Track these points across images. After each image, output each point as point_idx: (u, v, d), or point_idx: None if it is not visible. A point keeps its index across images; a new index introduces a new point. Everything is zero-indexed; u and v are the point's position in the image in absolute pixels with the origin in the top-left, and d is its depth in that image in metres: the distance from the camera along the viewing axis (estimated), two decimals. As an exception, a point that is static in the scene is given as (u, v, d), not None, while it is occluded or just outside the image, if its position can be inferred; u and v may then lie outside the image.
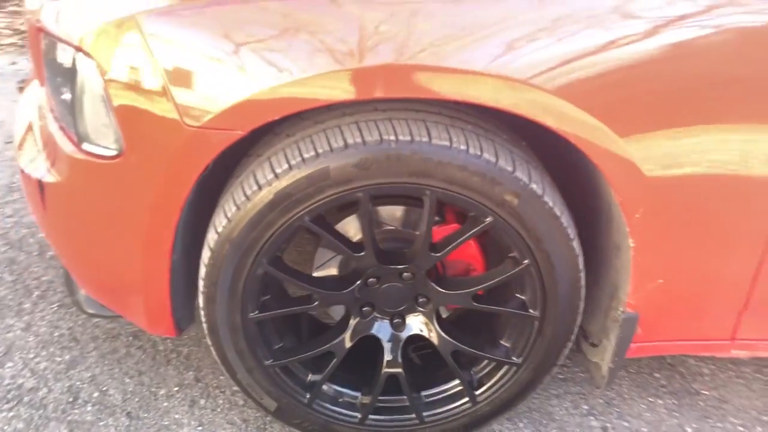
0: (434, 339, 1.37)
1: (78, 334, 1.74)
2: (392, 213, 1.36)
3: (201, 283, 1.25)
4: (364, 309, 1.34)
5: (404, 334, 1.38)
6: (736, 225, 1.25)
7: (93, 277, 1.39)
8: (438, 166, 1.14)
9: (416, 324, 1.37)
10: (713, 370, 1.82)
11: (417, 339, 1.39)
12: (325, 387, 1.41)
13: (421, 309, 1.36)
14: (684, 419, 1.65)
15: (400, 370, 1.38)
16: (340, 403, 1.42)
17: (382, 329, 1.37)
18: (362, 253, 1.25)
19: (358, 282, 1.29)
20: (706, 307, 1.37)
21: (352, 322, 1.35)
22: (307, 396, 1.39)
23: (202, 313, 1.29)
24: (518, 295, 1.32)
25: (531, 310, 1.31)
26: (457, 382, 1.42)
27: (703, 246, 1.28)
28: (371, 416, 1.41)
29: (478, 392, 1.41)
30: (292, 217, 1.18)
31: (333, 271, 1.41)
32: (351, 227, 1.36)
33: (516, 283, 1.31)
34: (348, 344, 1.35)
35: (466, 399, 1.41)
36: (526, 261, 1.25)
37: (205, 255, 1.23)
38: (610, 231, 1.34)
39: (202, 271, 1.24)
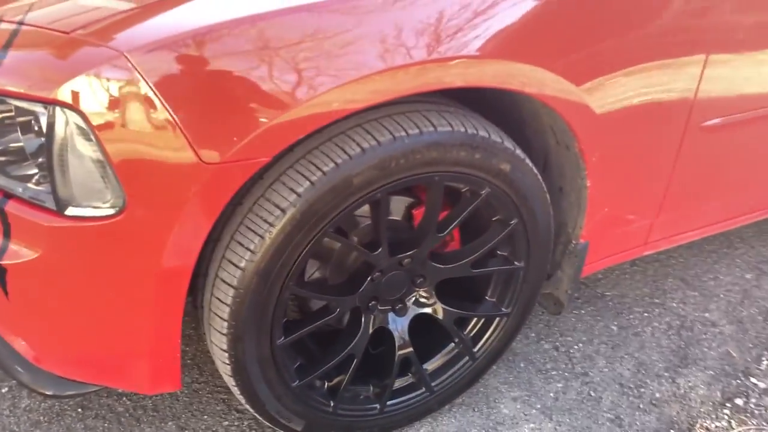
0: (439, 313, 1.44)
1: (14, 426, 1.50)
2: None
3: (224, 325, 1.18)
4: (370, 304, 1.36)
5: (409, 316, 1.43)
6: (657, 146, 1.50)
7: (73, 353, 1.21)
8: (446, 151, 1.20)
9: (419, 304, 1.43)
10: (604, 273, 2.15)
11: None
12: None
13: (420, 289, 1.42)
14: (606, 320, 1.94)
15: (411, 349, 1.43)
16: (360, 401, 1.44)
17: (392, 319, 1.41)
18: (379, 250, 1.27)
19: (368, 279, 1.31)
20: (633, 221, 1.63)
21: (366, 319, 1.36)
22: (331, 404, 1.38)
23: (224, 355, 1.21)
24: (500, 252, 1.44)
25: (516, 263, 1.45)
26: (451, 347, 1.52)
27: (635, 170, 1.51)
28: (388, 403, 1.45)
29: (476, 349, 1.52)
30: (318, 233, 1.15)
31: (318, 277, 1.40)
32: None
33: (500, 242, 1.42)
34: (365, 343, 1.37)
35: (467, 358, 1.52)
36: (514, 221, 1.37)
37: (226, 295, 1.15)
38: (551, 177, 1.51)
39: (225, 312, 1.16)
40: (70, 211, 1.04)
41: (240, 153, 1.03)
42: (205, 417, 1.54)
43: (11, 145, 1.05)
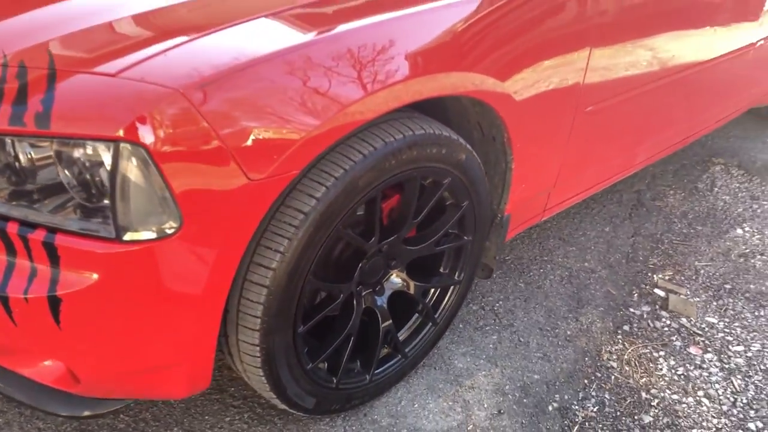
0: (411, 288, 1.69)
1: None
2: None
3: (256, 322, 1.33)
4: (359, 288, 1.58)
5: (387, 294, 1.66)
6: (557, 128, 1.86)
7: (119, 371, 1.30)
8: (423, 149, 1.45)
9: (395, 283, 1.67)
10: (501, 242, 2.51)
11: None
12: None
13: (395, 270, 1.66)
14: (513, 279, 2.30)
15: (390, 321, 1.67)
16: (354, 374, 1.64)
17: (375, 298, 1.63)
18: (372, 239, 1.49)
19: (359, 266, 1.53)
20: (539, 193, 1.99)
21: (357, 302, 1.57)
22: (334, 380, 1.58)
23: (255, 349, 1.37)
24: (452, 231, 1.72)
25: (466, 237, 1.73)
26: (416, 317, 1.78)
27: (543, 150, 1.86)
28: (374, 372, 1.68)
29: (437, 315, 1.79)
30: (331, 231, 1.35)
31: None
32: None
33: (455, 221, 1.70)
34: (358, 322, 1.58)
35: (430, 324, 1.79)
36: (466, 202, 1.65)
37: (259, 295, 1.31)
38: (495, 158, 1.81)
39: (257, 310, 1.32)
40: (128, 236, 1.15)
41: (278, 168, 1.20)
42: (207, 417, 1.66)
43: (54, 180, 1.13)
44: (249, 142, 1.16)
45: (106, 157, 1.10)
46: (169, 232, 1.16)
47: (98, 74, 1.14)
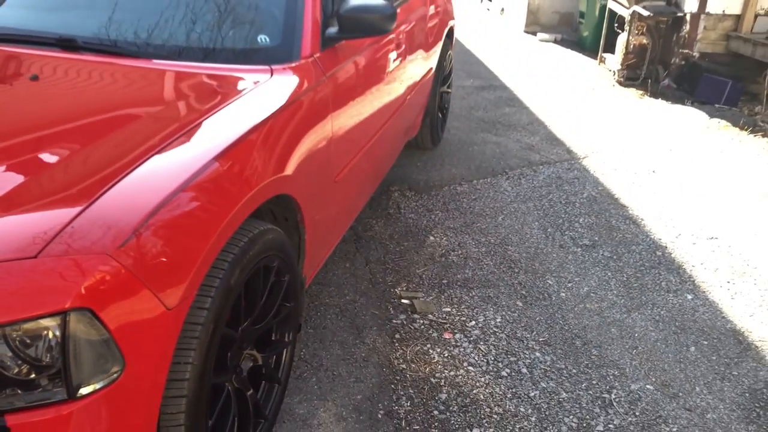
0: (260, 360, 1.98)
1: None
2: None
3: (181, 429, 1.52)
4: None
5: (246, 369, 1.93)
6: (324, 193, 2.31)
7: None
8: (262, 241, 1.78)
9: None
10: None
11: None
12: None
13: (246, 350, 1.93)
14: (303, 328, 2.69)
15: (252, 390, 1.93)
16: None
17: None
18: (239, 328, 1.75)
19: (228, 354, 1.78)
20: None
21: (231, 386, 1.82)
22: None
23: None
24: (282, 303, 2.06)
25: (288, 304, 2.08)
26: (264, 383, 2.06)
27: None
28: None
29: (280, 375, 2.10)
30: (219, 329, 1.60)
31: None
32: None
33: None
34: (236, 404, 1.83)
35: (276, 385, 2.09)
36: (287, 276, 2.01)
37: (179, 405, 1.50)
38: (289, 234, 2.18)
39: (179, 419, 1.51)
40: (82, 391, 1.27)
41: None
42: None
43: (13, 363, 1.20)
44: (162, 278, 1.38)
45: (54, 328, 1.21)
46: (115, 376, 1.31)
47: (17, 259, 1.23)
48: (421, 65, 3.79)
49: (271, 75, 2.09)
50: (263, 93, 1.98)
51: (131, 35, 2.20)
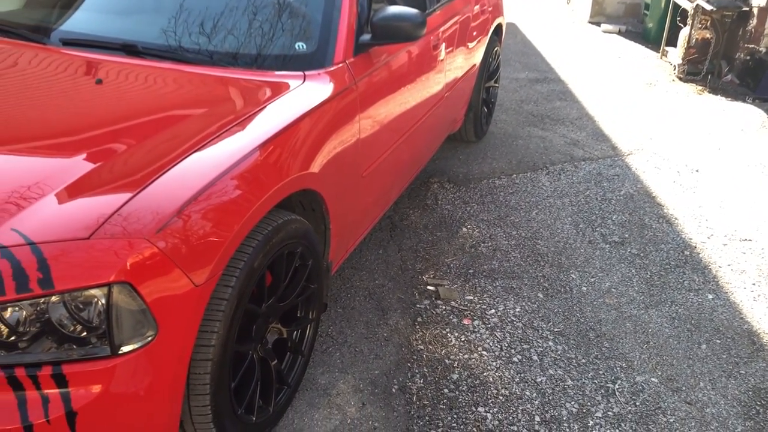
0: (284, 334, 2.24)
1: None
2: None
3: (206, 388, 1.80)
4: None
5: (272, 342, 2.20)
6: (350, 189, 2.55)
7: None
8: (287, 229, 2.03)
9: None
10: (310, 282, 3.14)
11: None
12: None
13: (272, 324, 2.20)
14: (332, 307, 2.95)
15: (276, 360, 2.21)
16: (261, 410, 2.15)
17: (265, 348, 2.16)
18: (263, 305, 2.02)
19: (254, 327, 2.05)
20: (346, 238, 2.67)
21: (255, 354, 2.09)
22: (253, 417, 2.07)
23: (207, 408, 1.82)
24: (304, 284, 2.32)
25: (312, 285, 2.34)
26: (288, 354, 2.33)
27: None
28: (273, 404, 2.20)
29: (303, 348, 2.37)
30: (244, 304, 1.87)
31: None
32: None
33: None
34: (260, 370, 2.10)
35: (300, 357, 2.35)
36: (311, 261, 2.26)
37: (205, 367, 1.78)
38: (316, 224, 2.44)
39: (205, 379, 1.79)
40: (123, 349, 1.55)
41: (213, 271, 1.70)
42: None
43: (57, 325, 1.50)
44: (192, 259, 1.65)
45: (101, 297, 1.50)
46: (150, 338, 1.59)
47: (73, 240, 1.53)
48: (462, 62, 3.96)
49: (304, 80, 2.33)
50: (293, 98, 2.23)
51: (185, 43, 2.48)
